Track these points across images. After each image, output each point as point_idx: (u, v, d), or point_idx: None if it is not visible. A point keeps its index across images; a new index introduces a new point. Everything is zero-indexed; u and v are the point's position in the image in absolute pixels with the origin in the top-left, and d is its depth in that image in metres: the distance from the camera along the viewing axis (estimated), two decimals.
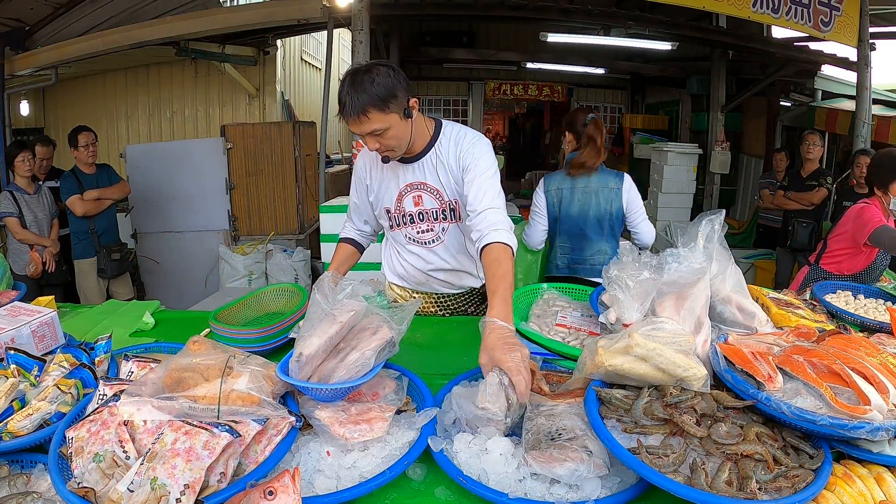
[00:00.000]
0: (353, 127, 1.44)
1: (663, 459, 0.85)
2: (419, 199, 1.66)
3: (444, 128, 1.63)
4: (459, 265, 1.77)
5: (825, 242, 2.77)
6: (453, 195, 1.64)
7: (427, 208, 1.67)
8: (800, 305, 1.53)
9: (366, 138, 1.47)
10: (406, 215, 1.69)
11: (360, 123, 1.42)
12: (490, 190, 1.51)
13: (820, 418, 0.86)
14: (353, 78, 1.40)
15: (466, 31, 8.41)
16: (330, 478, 0.92)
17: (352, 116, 1.40)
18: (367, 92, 1.38)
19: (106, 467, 0.83)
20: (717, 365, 1.02)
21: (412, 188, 1.65)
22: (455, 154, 1.59)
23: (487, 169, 1.55)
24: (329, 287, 1.13)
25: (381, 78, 1.39)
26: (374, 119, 1.41)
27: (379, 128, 1.42)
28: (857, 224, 2.53)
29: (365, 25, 4.14)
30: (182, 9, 5.17)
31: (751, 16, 4.52)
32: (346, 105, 1.40)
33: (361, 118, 1.40)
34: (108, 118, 6.98)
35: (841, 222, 2.70)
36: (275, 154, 5.15)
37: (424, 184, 1.64)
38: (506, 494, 0.86)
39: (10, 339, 1.22)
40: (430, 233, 1.71)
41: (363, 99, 1.39)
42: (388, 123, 1.43)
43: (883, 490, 0.84)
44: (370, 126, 1.42)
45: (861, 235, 2.48)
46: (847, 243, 2.63)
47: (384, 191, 1.69)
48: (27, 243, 3.55)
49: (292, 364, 1.03)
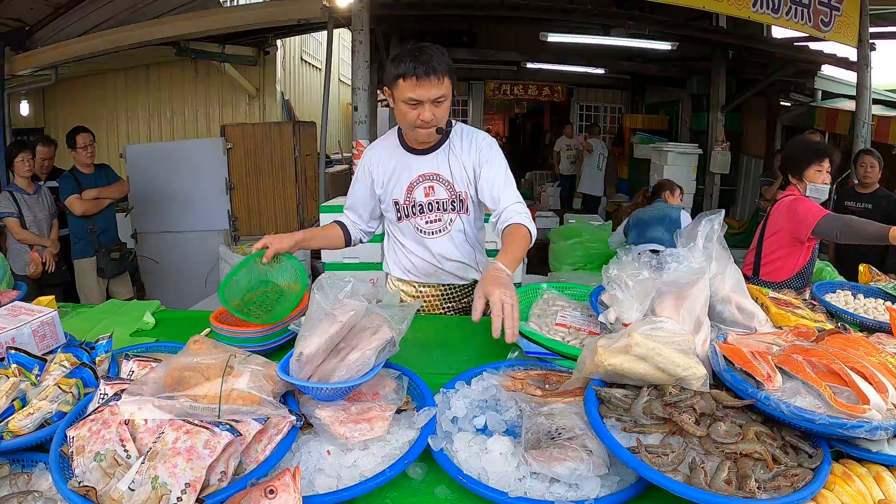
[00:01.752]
0: (422, 89, 1.47)
1: (662, 458, 0.85)
2: (431, 190, 1.70)
3: (454, 124, 1.71)
4: (463, 257, 1.80)
5: (758, 253, 2.53)
6: (464, 187, 1.70)
7: (438, 198, 1.71)
8: (799, 305, 1.53)
9: (424, 106, 1.51)
10: (416, 205, 1.72)
11: (434, 85, 1.47)
12: (511, 186, 1.66)
13: (819, 417, 0.86)
14: (419, 47, 1.47)
15: (466, 31, 8.41)
16: (330, 477, 0.92)
17: (433, 75, 1.45)
18: (441, 59, 1.46)
19: (107, 466, 0.83)
20: (717, 364, 1.02)
21: (425, 178, 1.69)
22: (469, 150, 1.68)
23: (504, 167, 1.68)
24: (329, 287, 1.13)
25: (445, 53, 1.50)
26: (445, 84, 1.48)
27: (445, 95, 1.50)
28: (792, 219, 2.34)
29: (365, 25, 4.14)
30: (182, 9, 5.18)
31: (751, 16, 4.53)
32: (425, 64, 1.44)
33: (441, 79, 1.47)
34: (108, 118, 6.98)
35: (770, 224, 2.49)
36: (275, 154, 5.15)
37: (438, 174, 1.69)
38: (506, 493, 0.86)
39: (10, 339, 1.22)
40: (438, 223, 1.74)
41: (442, 63, 1.46)
42: (449, 94, 1.51)
43: (882, 489, 0.84)
44: (440, 90, 1.49)
45: (802, 229, 2.29)
46: (782, 243, 2.42)
47: (394, 182, 1.71)
48: (27, 243, 3.55)
49: (293, 363, 1.03)
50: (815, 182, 2.41)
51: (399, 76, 1.48)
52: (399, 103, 1.54)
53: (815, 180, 2.41)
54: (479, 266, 1.85)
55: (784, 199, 2.44)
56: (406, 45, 1.51)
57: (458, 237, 1.77)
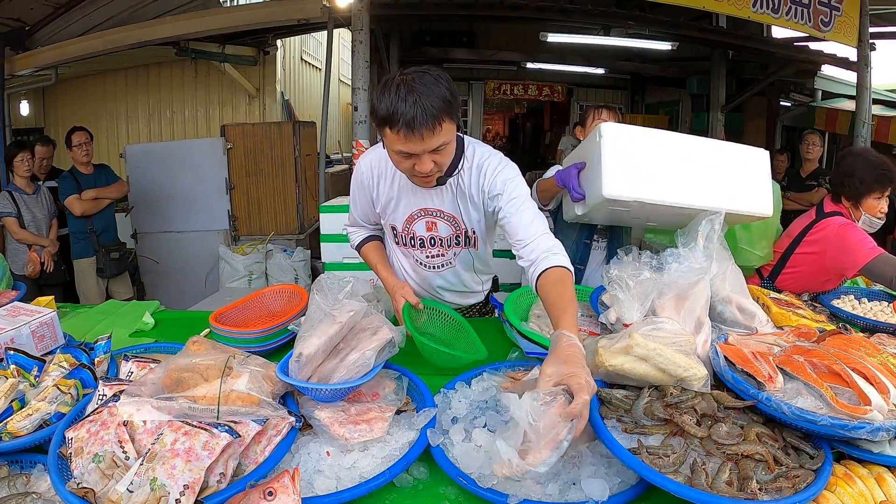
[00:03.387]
0: (413, 143, 1.16)
1: (664, 460, 0.85)
2: (433, 226, 1.50)
3: (465, 148, 1.42)
4: (466, 287, 1.67)
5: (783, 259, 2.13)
6: (470, 224, 1.48)
7: (442, 235, 1.52)
8: (800, 306, 1.53)
9: (421, 158, 1.20)
10: (416, 238, 1.53)
11: (430, 137, 1.16)
12: (533, 216, 1.35)
13: (820, 419, 0.86)
14: (407, 81, 1.14)
15: (466, 31, 8.41)
16: (330, 478, 0.92)
17: (425, 126, 1.13)
18: (436, 95, 1.13)
19: (105, 468, 0.83)
20: (718, 365, 1.02)
21: (426, 213, 1.48)
22: (478, 184, 1.41)
23: (522, 194, 1.37)
24: (329, 287, 1.13)
25: (442, 80, 1.16)
26: (444, 129, 1.17)
27: (445, 141, 1.19)
28: (841, 249, 1.89)
29: (365, 25, 4.13)
30: (182, 9, 5.17)
31: (751, 16, 4.53)
32: (413, 114, 1.12)
33: (435, 128, 1.15)
34: (108, 118, 6.98)
35: (810, 240, 2.04)
36: (275, 154, 5.14)
37: (441, 211, 1.47)
38: (506, 496, 0.86)
39: (9, 340, 1.22)
40: (441, 258, 1.57)
41: (436, 105, 1.13)
42: (452, 136, 1.21)
43: (883, 490, 0.84)
44: (440, 138, 1.18)
45: (849, 264, 1.88)
46: (819, 266, 1.99)
47: (392, 209, 1.50)
48: (26, 243, 3.55)
49: (292, 364, 1.02)
50: (872, 213, 1.98)
51: (385, 122, 1.16)
52: (389, 151, 1.25)
53: (873, 211, 1.98)
54: (483, 286, 1.73)
55: (833, 221, 1.98)
56: (393, 78, 1.17)
57: (463, 269, 1.61)
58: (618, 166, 1.46)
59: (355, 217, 1.63)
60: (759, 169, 1.57)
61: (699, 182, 1.49)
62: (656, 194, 1.46)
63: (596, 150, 1.50)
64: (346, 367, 1.03)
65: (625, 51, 7.82)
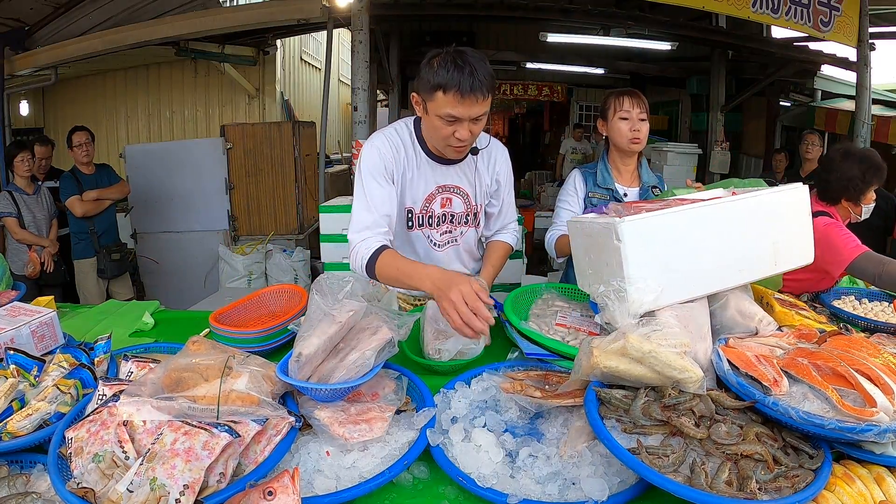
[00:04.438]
0: (464, 107, 1.29)
1: (663, 460, 0.85)
2: (448, 202, 1.58)
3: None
4: (465, 268, 1.72)
5: None
6: (480, 200, 1.62)
7: (455, 211, 1.61)
8: (803, 306, 1.53)
9: (463, 124, 1.33)
10: (432, 216, 1.59)
11: (478, 103, 1.30)
12: (512, 206, 1.72)
13: (828, 422, 0.85)
14: (461, 54, 1.29)
15: (466, 31, 8.41)
16: (329, 478, 0.92)
17: (478, 92, 1.27)
18: (485, 69, 1.29)
19: (105, 467, 0.83)
20: (721, 369, 1.01)
21: (444, 190, 1.56)
22: (489, 165, 1.60)
23: (512, 182, 1.67)
24: (328, 287, 1.13)
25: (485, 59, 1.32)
26: (487, 101, 1.32)
27: (486, 111, 1.34)
28: (828, 249, 1.87)
29: (365, 25, 4.14)
30: (182, 9, 5.17)
31: (750, 16, 4.53)
32: (471, 77, 1.26)
33: (487, 96, 1.30)
34: (107, 118, 6.99)
35: None
36: (275, 154, 5.14)
37: (458, 187, 1.58)
38: (506, 496, 0.86)
39: (9, 339, 1.22)
40: (449, 234, 1.64)
41: (486, 76, 1.29)
42: (488, 110, 1.35)
43: (883, 490, 0.84)
44: (483, 108, 1.32)
45: (834, 264, 1.90)
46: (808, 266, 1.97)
47: (410, 189, 1.53)
48: (26, 243, 3.55)
49: (292, 364, 1.02)
50: (869, 202, 2.07)
51: (438, 87, 1.29)
52: (433, 117, 1.35)
53: (870, 200, 2.07)
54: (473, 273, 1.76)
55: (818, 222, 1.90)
56: (444, 50, 1.32)
57: (464, 249, 1.70)
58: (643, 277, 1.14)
59: (369, 215, 1.42)
60: (799, 215, 1.33)
61: (735, 259, 1.23)
62: (689, 292, 1.20)
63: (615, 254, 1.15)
64: (345, 367, 1.03)
65: (625, 51, 7.82)
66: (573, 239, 1.36)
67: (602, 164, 1.95)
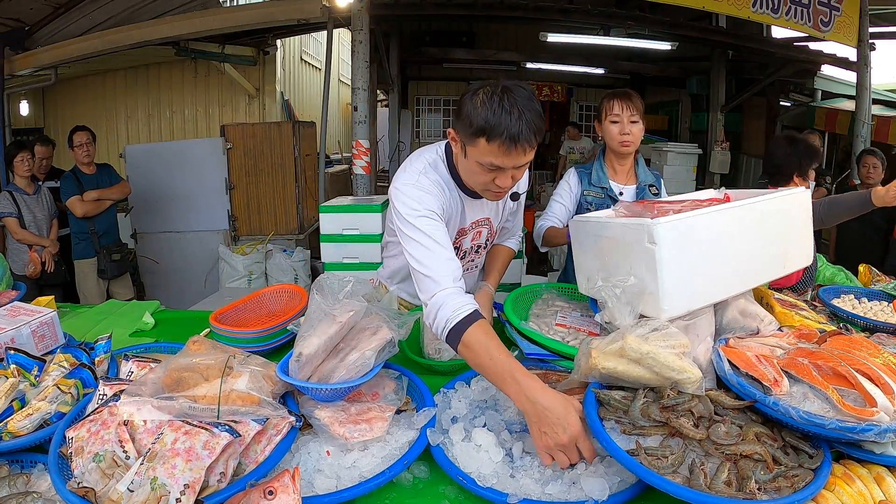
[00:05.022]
0: (510, 158, 1.13)
1: (662, 461, 0.85)
2: (478, 235, 1.53)
3: None
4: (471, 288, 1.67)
5: None
6: (501, 224, 1.59)
7: (481, 243, 1.56)
8: (803, 306, 1.53)
9: (506, 172, 1.17)
10: (461, 250, 1.51)
11: (526, 153, 1.13)
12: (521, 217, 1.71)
13: (829, 422, 0.85)
14: (509, 93, 1.10)
15: (466, 31, 8.41)
16: (330, 477, 0.92)
17: (528, 142, 1.11)
18: (535, 111, 1.11)
19: (106, 467, 0.83)
20: (722, 369, 1.01)
21: (477, 224, 1.48)
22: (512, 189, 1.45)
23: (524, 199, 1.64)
24: (329, 287, 1.13)
25: (533, 97, 1.13)
26: (535, 146, 1.15)
27: (531, 159, 1.18)
28: None
29: (365, 25, 4.13)
30: (182, 9, 5.17)
31: (750, 16, 4.53)
32: (518, 129, 1.08)
33: (534, 146, 1.14)
34: (107, 118, 6.98)
35: None
36: (275, 154, 5.14)
37: (487, 219, 1.50)
38: (506, 495, 0.86)
39: (10, 339, 1.22)
40: (471, 263, 1.61)
41: (537, 121, 1.11)
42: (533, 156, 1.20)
43: (882, 490, 0.84)
44: (531, 155, 1.16)
45: None
46: None
47: (450, 228, 1.39)
48: (26, 243, 3.55)
49: (292, 364, 1.03)
50: (811, 179, 2.21)
51: (481, 132, 1.11)
52: (472, 161, 1.19)
53: (811, 177, 2.21)
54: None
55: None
56: (490, 84, 1.13)
57: (476, 271, 1.69)
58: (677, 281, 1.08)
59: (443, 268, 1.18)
60: (804, 216, 1.33)
61: (754, 261, 1.21)
62: (713, 295, 1.17)
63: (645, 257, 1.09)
64: (345, 367, 1.03)
65: (625, 51, 7.82)
66: (576, 238, 1.35)
67: (598, 164, 2.01)
